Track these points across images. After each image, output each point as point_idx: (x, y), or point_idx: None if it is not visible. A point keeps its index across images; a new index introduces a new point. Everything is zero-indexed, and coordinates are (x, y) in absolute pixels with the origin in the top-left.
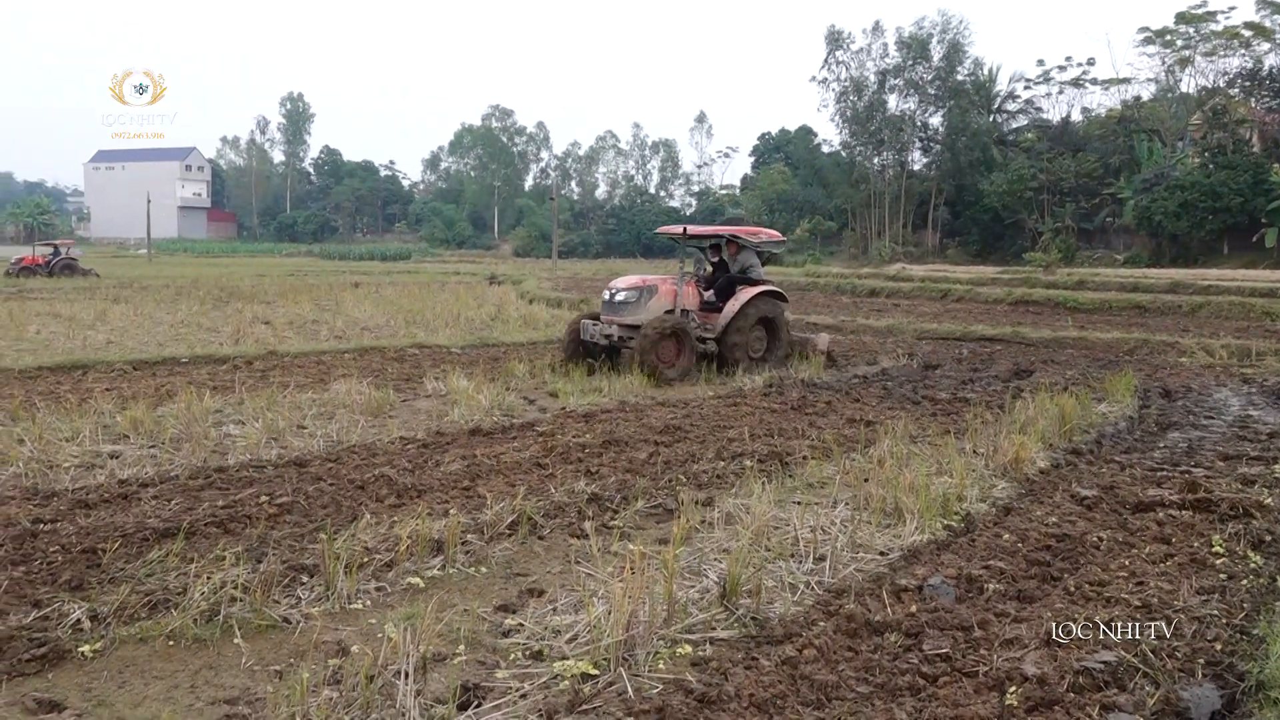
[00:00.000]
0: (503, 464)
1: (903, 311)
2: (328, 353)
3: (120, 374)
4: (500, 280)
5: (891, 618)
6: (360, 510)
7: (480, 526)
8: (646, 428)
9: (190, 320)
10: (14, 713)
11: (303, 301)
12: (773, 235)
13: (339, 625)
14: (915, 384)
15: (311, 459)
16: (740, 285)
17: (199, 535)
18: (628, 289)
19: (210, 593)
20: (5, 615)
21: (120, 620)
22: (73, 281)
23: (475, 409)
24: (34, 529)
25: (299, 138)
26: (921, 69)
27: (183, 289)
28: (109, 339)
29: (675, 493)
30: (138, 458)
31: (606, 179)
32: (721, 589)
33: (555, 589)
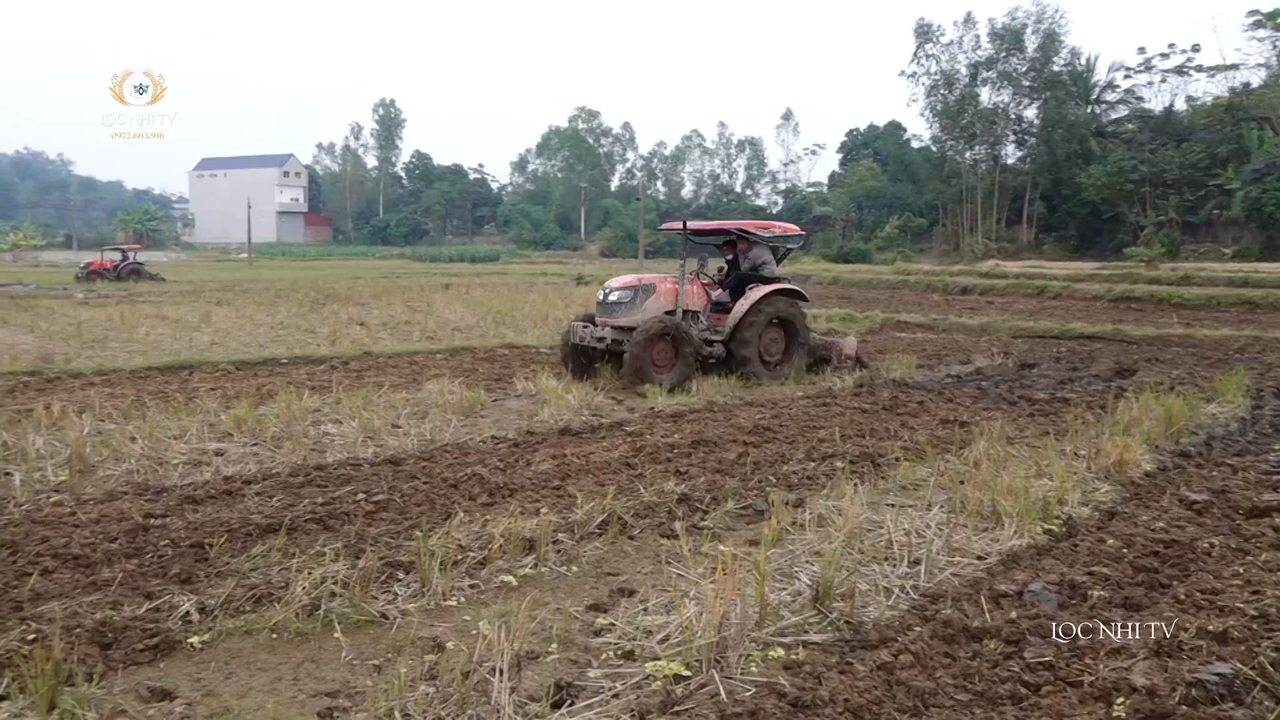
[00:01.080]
0: (592, 463)
1: (997, 309)
2: (420, 353)
3: (224, 374)
4: (587, 281)
5: (990, 624)
6: (454, 508)
7: (571, 525)
8: (735, 428)
9: (289, 322)
10: (129, 700)
11: (395, 303)
12: (788, 229)
13: (435, 622)
14: (1011, 383)
15: (406, 457)
16: (753, 284)
17: (300, 531)
18: (622, 288)
19: (311, 587)
20: (120, 606)
21: (227, 613)
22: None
23: (564, 409)
24: (145, 523)
25: (391, 143)
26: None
27: (282, 292)
28: (213, 340)
29: (765, 494)
30: (241, 455)
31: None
32: (814, 592)
33: (646, 589)
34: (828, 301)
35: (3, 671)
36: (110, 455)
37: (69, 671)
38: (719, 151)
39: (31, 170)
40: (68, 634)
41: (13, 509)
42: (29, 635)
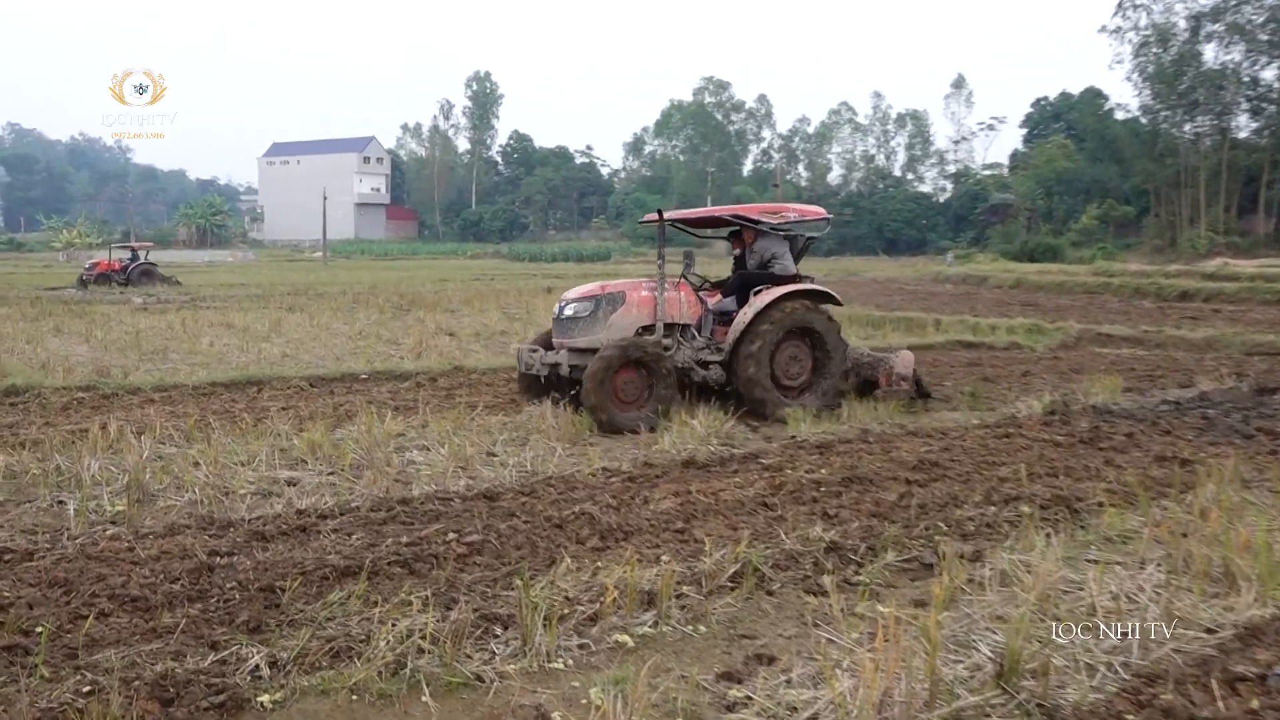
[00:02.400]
0: (722, 503)
1: (1226, 319)
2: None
3: (296, 391)
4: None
5: (1224, 714)
6: (559, 553)
7: (698, 577)
8: (896, 463)
9: (369, 331)
10: None
11: (490, 310)
12: (807, 212)
13: (537, 687)
14: (1246, 412)
15: (503, 491)
16: (762, 286)
17: (382, 575)
18: (580, 299)
19: (396, 642)
20: (183, 657)
21: (300, 668)
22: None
23: (689, 436)
24: (210, 562)
25: (486, 122)
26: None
27: (360, 296)
28: (284, 352)
29: (934, 544)
30: (316, 485)
31: (841, 160)
32: (997, 666)
33: (789, 656)
34: (1008, 309)
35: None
36: (171, 483)
37: None
38: (873, 128)
39: (87, 159)
40: (126, 687)
41: (67, 542)
42: (84, 687)
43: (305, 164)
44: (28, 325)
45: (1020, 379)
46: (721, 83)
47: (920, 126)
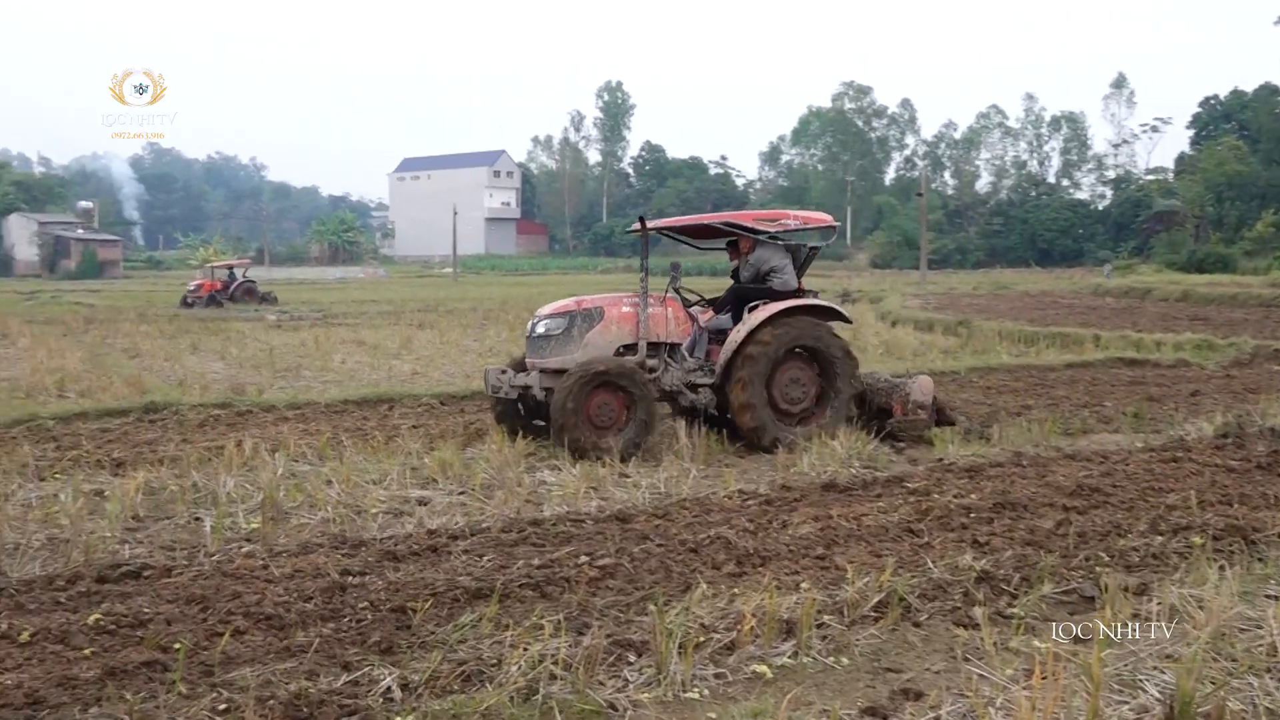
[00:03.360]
0: (865, 528)
1: None
2: None
3: (427, 409)
4: (854, 297)
5: None
6: (694, 578)
7: (839, 606)
8: (1051, 488)
9: (499, 349)
10: None
11: None
12: (811, 219)
13: (671, 717)
14: None
15: (636, 514)
16: (759, 301)
17: (513, 598)
18: (553, 316)
19: (527, 667)
20: (316, 677)
21: (432, 691)
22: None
23: (829, 458)
24: (343, 581)
25: (617, 133)
26: None
27: (490, 312)
28: (414, 369)
29: (1095, 575)
30: (446, 505)
31: (990, 167)
32: (1167, 709)
33: (937, 692)
34: (1175, 324)
35: None
36: (305, 501)
37: None
38: (1025, 132)
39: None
40: (261, 705)
41: (203, 559)
42: (220, 705)
43: (436, 179)
44: (166, 343)
45: (1189, 399)
46: (862, 88)
47: (1077, 129)
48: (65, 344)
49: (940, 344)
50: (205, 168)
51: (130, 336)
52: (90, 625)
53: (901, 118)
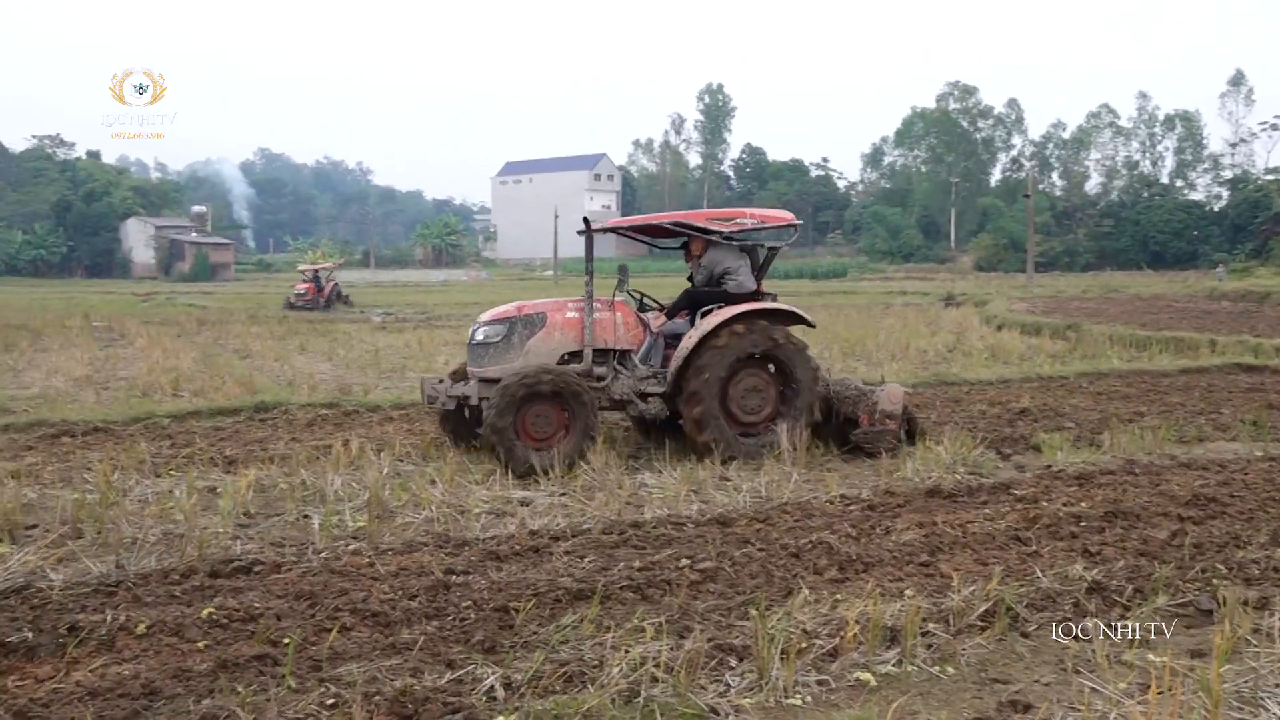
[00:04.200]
0: (970, 535)
1: None
2: None
3: None
4: (959, 301)
5: None
6: (796, 583)
7: (944, 614)
8: (1166, 497)
9: None
10: None
11: None
12: (770, 217)
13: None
14: None
15: (736, 517)
16: (713, 306)
17: (614, 600)
18: (491, 323)
19: (629, 669)
20: (421, 674)
21: (535, 692)
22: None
23: (933, 463)
24: (446, 580)
25: (718, 136)
26: None
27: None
28: None
29: (1213, 588)
30: (548, 506)
31: (1100, 167)
32: None
33: (1047, 705)
34: None
35: None
36: (409, 500)
37: None
38: (1138, 131)
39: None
40: (367, 701)
41: (311, 556)
42: (328, 700)
43: (537, 183)
44: (275, 344)
45: None
46: (968, 88)
47: (1191, 129)
48: (179, 344)
49: (1048, 348)
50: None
51: (241, 337)
52: (204, 619)
53: (1008, 118)
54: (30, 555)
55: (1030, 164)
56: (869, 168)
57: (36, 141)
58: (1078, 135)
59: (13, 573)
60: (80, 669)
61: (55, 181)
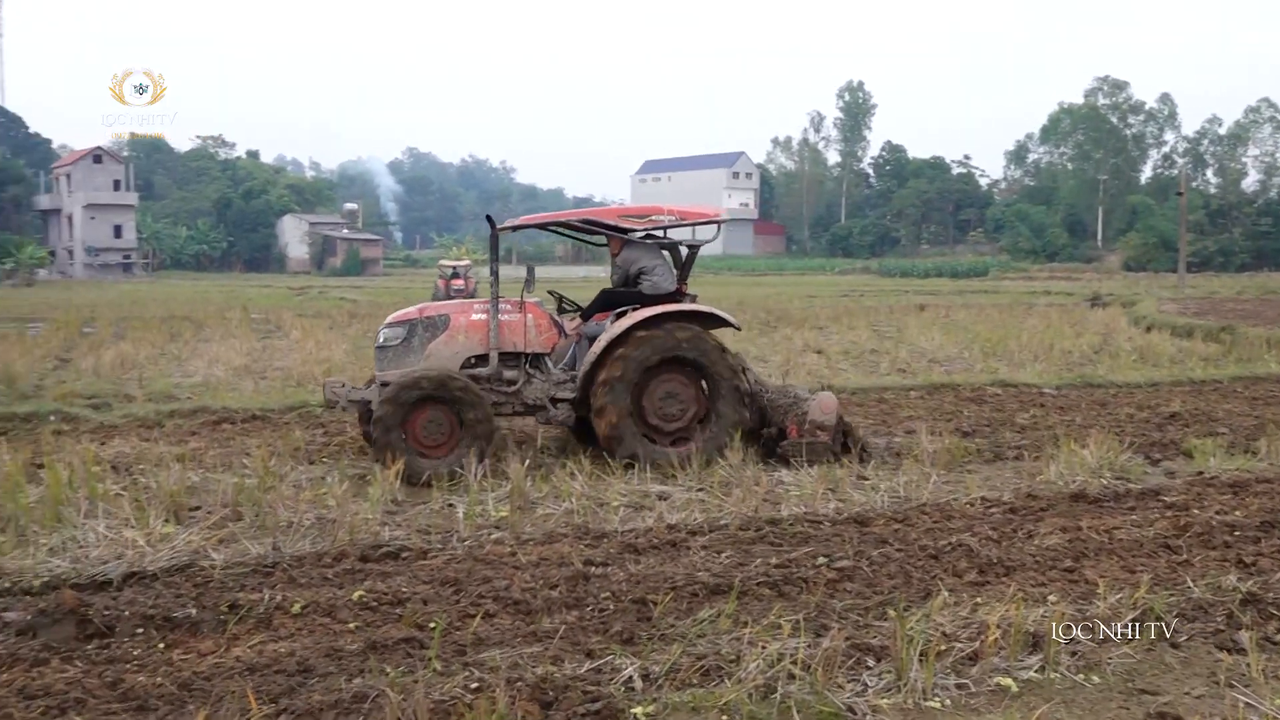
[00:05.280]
0: (1116, 542)
1: None
2: (890, 389)
3: None
4: (1105, 301)
5: None
6: (934, 585)
7: (1089, 621)
8: None
9: (737, 347)
10: None
11: (859, 326)
12: (689, 213)
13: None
14: None
15: (874, 517)
16: (628, 307)
17: (750, 595)
18: (393, 325)
19: (766, 665)
20: (561, 662)
21: (672, 684)
22: None
23: (1078, 467)
24: (586, 571)
25: (857, 134)
26: None
27: (730, 311)
28: None
29: None
30: (685, 501)
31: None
32: None
33: (1199, 718)
34: None
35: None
36: (550, 492)
37: None
38: None
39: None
40: (509, 686)
41: (456, 544)
42: (472, 683)
43: (676, 180)
44: None
45: None
46: (1118, 83)
47: None
48: (331, 336)
49: (1200, 351)
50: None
51: None
52: (354, 601)
53: (1160, 113)
54: (194, 535)
55: (1183, 160)
56: (1012, 165)
57: (201, 142)
58: (1235, 131)
59: (178, 552)
60: (239, 645)
61: (217, 180)
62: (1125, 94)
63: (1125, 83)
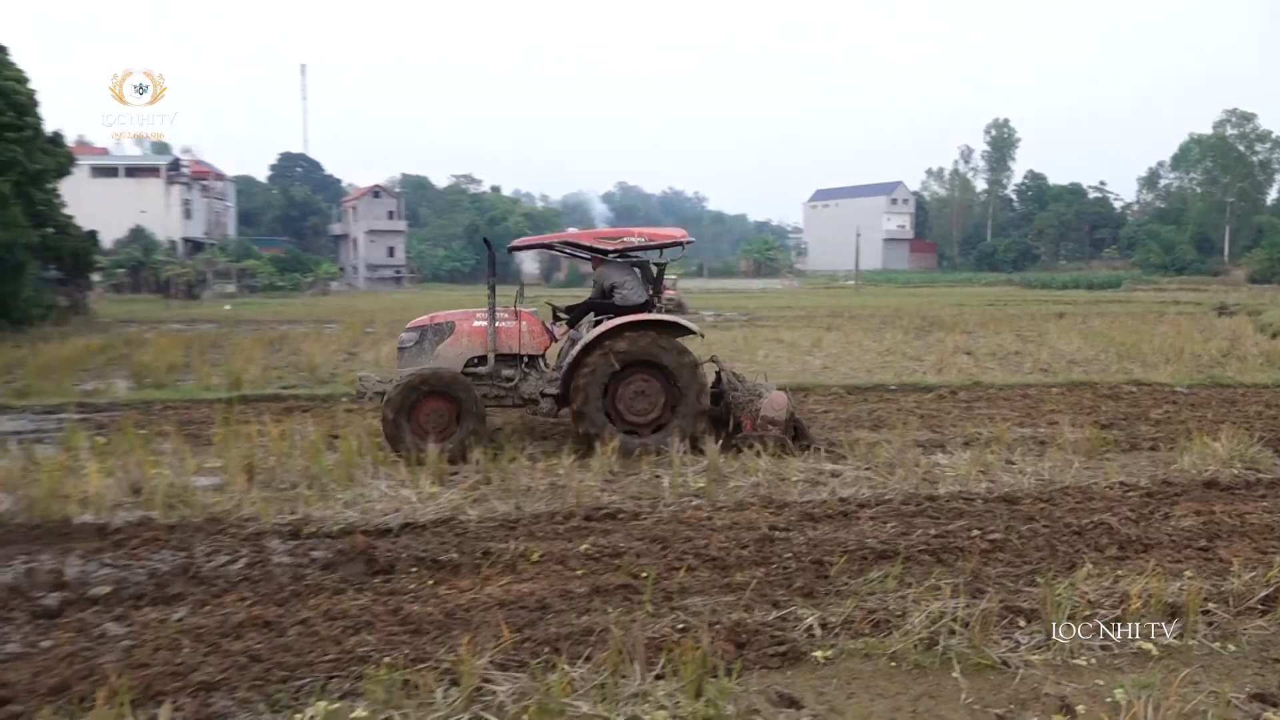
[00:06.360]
0: (1249, 526)
1: None
2: (1033, 386)
3: (835, 397)
4: (1232, 310)
5: None
6: (1079, 558)
7: (1224, 596)
8: None
9: (895, 348)
10: (760, 701)
11: (1004, 332)
12: (656, 235)
13: (1061, 679)
14: None
15: (1022, 496)
16: (604, 316)
17: (913, 561)
18: (409, 330)
19: (928, 621)
20: (751, 610)
21: (847, 633)
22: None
23: (1210, 457)
24: (770, 534)
25: (1002, 164)
26: None
27: (887, 318)
28: (824, 364)
29: None
30: (854, 478)
31: None
32: None
33: None
34: None
35: (659, 654)
36: (739, 468)
37: (712, 665)
38: None
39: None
40: (710, 629)
41: (662, 508)
42: (679, 625)
43: (842, 206)
44: None
45: None
46: (1245, 114)
47: None
48: None
49: None
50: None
51: None
52: (581, 552)
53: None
54: (454, 495)
55: None
56: (1145, 189)
57: (455, 179)
58: None
59: (442, 508)
60: (491, 584)
61: (467, 210)
62: (1253, 125)
63: (1253, 114)
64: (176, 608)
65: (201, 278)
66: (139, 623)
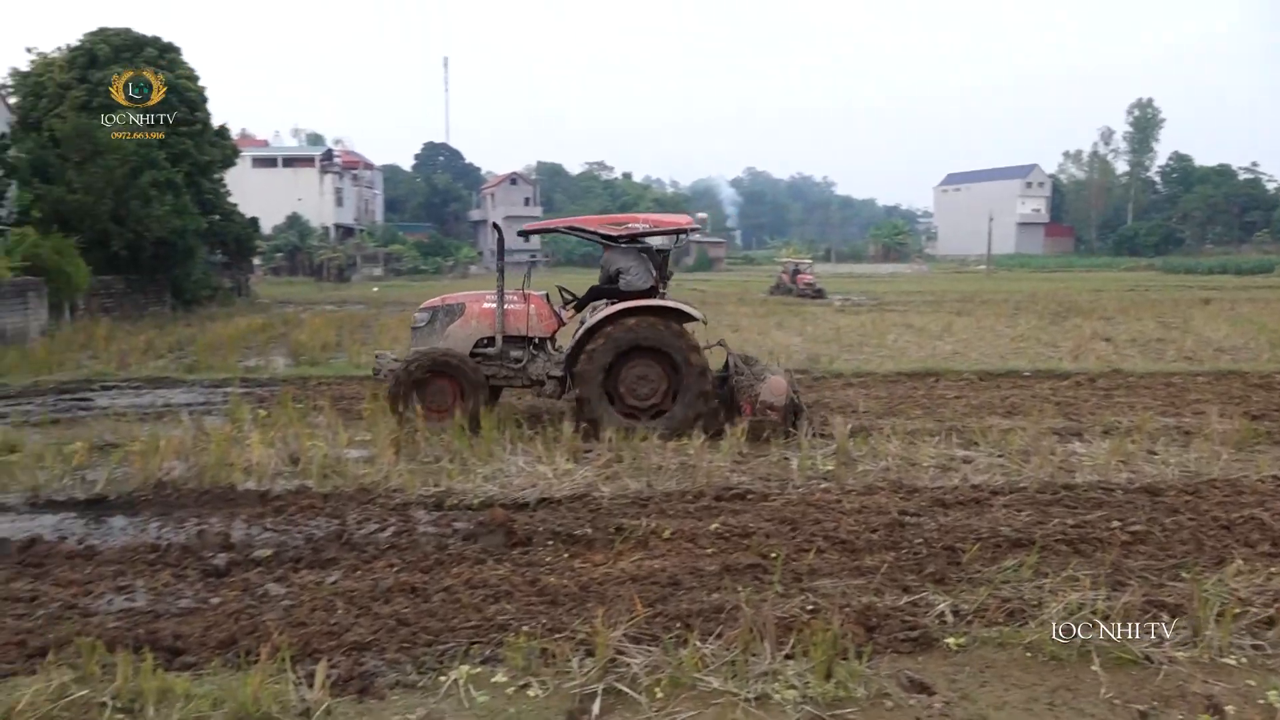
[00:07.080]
0: None
1: None
2: (1177, 374)
3: (967, 383)
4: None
5: None
6: (1228, 553)
7: None
8: None
9: (1028, 334)
10: (891, 685)
11: (1144, 318)
12: (661, 221)
13: (1209, 678)
14: None
15: (1165, 488)
16: (607, 300)
17: (1049, 550)
18: (422, 310)
19: (1065, 613)
20: (882, 594)
21: (981, 621)
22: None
23: None
24: (901, 519)
25: (1145, 146)
26: None
27: (1020, 304)
28: (954, 349)
29: None
30: (987, 465)
31: None
32: None
33: None
34: None
35: (790, 634)
36: (869, 452)
37: (842, 647)
38: None
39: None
40: (839, 611)
41: (790, 491)
42: (808, 606)
43: (974, 190)
44: (758, 320)
45: None
46: None
47: None
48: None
49: None
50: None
51: (732, 315)
52: (711, 531)
53: None
54: (588, 472)
55: None
56: None
57: (588, 166)
58: None
59: (576, 484)
60: (624, 559)
61: (599, 195)
62: None
63: None
64: (331, 571)
65: (351, 261)
66: (297, 584)
